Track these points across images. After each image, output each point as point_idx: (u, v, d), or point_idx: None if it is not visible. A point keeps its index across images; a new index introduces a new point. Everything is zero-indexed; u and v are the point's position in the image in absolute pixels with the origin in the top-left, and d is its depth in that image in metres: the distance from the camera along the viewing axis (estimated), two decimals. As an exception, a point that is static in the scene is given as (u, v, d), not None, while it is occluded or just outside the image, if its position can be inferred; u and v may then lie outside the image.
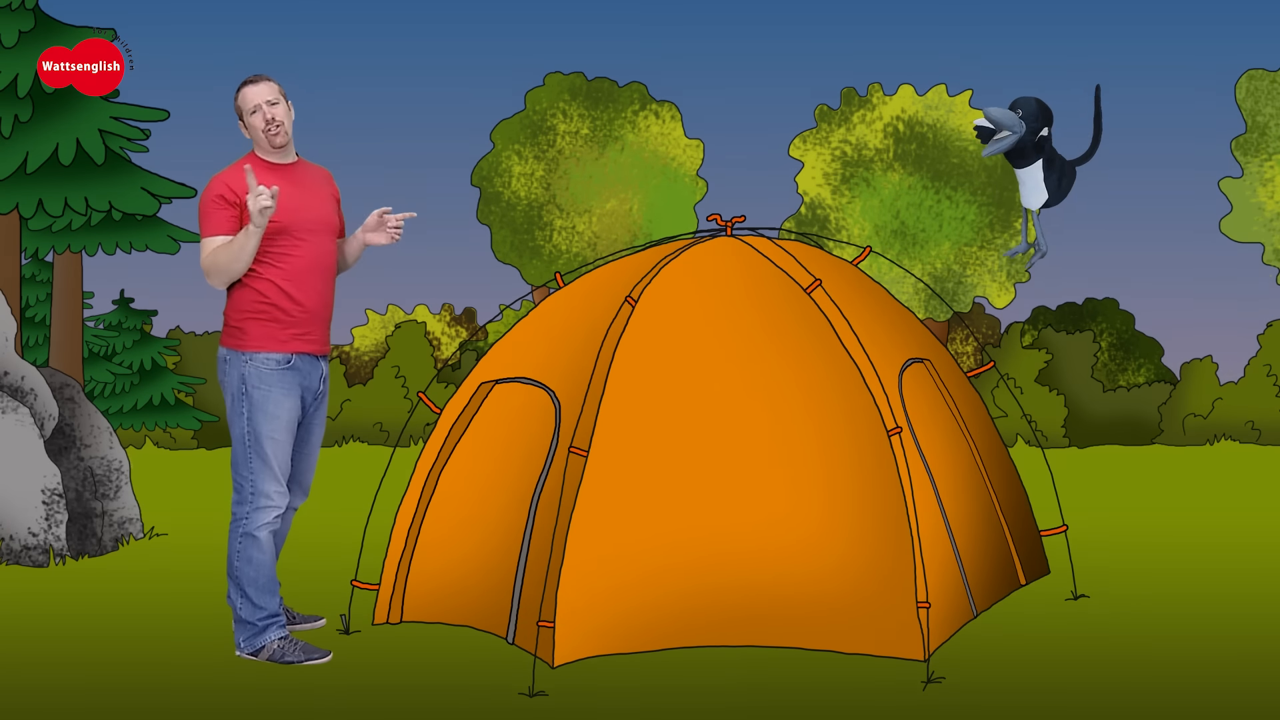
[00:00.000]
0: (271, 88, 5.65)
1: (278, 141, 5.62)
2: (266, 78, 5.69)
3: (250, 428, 5.54)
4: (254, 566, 5.58)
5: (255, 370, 5.54)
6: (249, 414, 5.54)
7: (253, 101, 5.61)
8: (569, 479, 5.46)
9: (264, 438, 5.54)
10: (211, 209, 5.51)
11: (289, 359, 5.58)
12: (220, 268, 5.49)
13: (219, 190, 5.52)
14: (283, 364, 5.57)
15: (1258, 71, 17.53)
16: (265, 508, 5.57)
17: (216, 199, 5.51)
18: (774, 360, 5.64)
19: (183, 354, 20.27)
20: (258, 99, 5.61)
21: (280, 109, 5.63)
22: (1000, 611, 6.20)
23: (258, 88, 5.64)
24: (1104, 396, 18.59)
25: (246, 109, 5.63)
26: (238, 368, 5.56)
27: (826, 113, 18.04)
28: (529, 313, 6.20)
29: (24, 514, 7.94)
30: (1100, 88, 6.68)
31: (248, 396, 5.54)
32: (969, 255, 17.72)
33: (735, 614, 5.51)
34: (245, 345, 5.55)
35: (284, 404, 5.57)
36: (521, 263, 18.74)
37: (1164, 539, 8.69)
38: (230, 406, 5.58)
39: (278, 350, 5.56)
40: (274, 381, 5.55)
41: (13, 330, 8.41)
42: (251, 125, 5.62)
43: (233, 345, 5.59)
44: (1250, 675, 5.28)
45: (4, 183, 14.95)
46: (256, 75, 5.68)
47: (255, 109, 5.61)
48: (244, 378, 5.54)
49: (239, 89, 5.67)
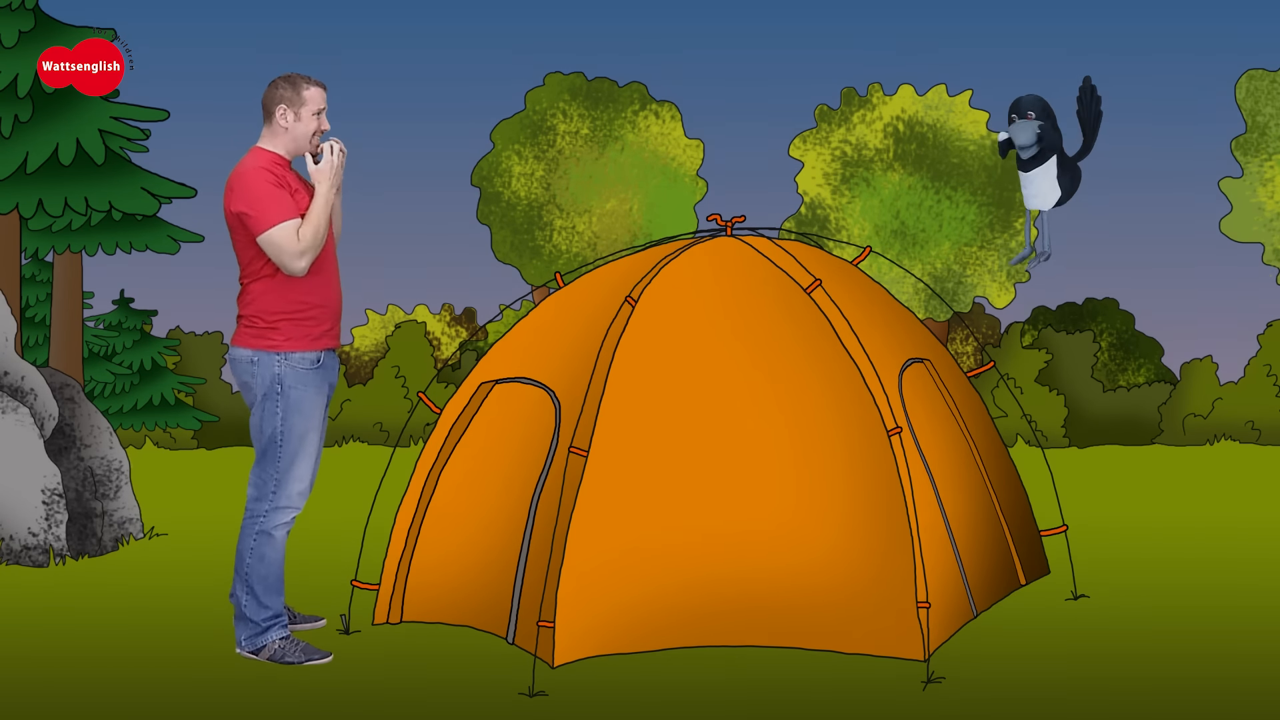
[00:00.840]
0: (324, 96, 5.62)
1: (315, 149, 5.56)
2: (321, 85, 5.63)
3: (285, 427, 5.51)
4: (266, 565, 5.58)
5: (291, 370, 5.50)
6: (284, 414, 5.50)
7: (319, 104, 5.54)
8: (569, 479, 5.46)
9: (300, 437, 5.52)
10: (273, 197, 5.37)
11: (319, 358, 5.57)
12: (320, 242, 5.41)
13: (267, 180, 5.40)
14: (315, 364, 5.56)
15: (1258, 71, 17.52)
16: (286, 508, 5.57)
17: (274, 187, 5.39)
18: (774, 360, 5.64)
19: (183, 354, 20.26)
20: (322, 104, 5.55)
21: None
22: (1000, 611, 6.20)
23: (323, 92, 5.57)
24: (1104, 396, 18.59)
25: (311, 107, 5.52)
26: (270, 368, 5.49)
27: (826, 113, 18.04)
28: (529, 313, 6.20)
29: (24, 514, 7.94)
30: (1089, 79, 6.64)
31: (284, 396, 5.49)
32: (969, 255, 17.73)
33: (735, 614, 5.51)
34: (280, 346, 5.49)
35: (317, 403, 5.57)
36: (521, 263, 18.73)
37: (1164, 539, 8.69)
38: (261, 407, 5.51)
39: (311, 349, 5.53)
40: (309, 381, 5.54)
41: (13, 330, 8.41)
42: (306, 121, 5.51)
43: (265, 346, 5.49)
44: (1250, 675, 5.28)
45: (4, 183, 14.95)
46: (313, 77, 5.58)
47: (320, 111, 5.54)
48: (279, 378, 5.49)
49: (304, 83, 5.53)
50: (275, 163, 5.51)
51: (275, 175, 5.44)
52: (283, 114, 5.51)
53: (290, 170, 5.58)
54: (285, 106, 5.50)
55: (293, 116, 5.51)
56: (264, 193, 5.37)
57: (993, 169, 17.64)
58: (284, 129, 5.53)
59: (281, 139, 5.54)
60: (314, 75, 5.62)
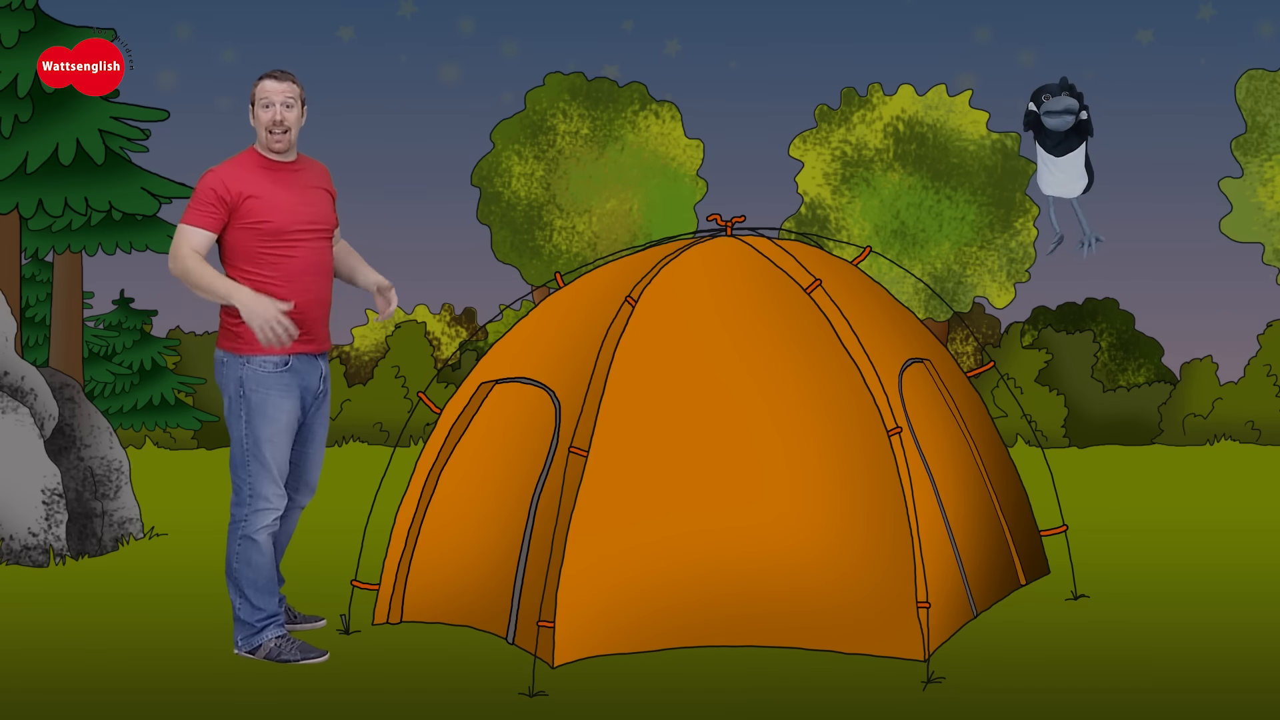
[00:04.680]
0: (292, 89, 5.54)
1: (277, 146, 5.54)
2: (291, 76, 5.58)
3: (249, 431, 5.51)
4: (253, 569, 5.57)
5: (253, 373, 5.50)
6: (247, 417, 5.51)
7: (268, 96, 5.51)
8: (569, 479, 5.45)
9: (262, 441, 5.51)
10: (201, 200, 5.43)
11: (286, 361, 5.54)
12: (189, 278, 5.41)
13: (213, 184, 5.44)
14: (280, 366, 5.53)
15: (1258, 71, 17.51)
16: (264, 510, 5.56)
17: (209, 192, 5.43)
18: (774, 360, 5.64)
19: (183, 354, 20.25)
20: (274, 96, 5.51)
21: (293, 113, 5.53)
22: (1000, 611, 6.20)
23: (279, 84, 5.53)
24: (1104, 396, 18.59)
25: (259, 100, 5.52)
26: (235, 370, 5.51)
27: (826, 113, 18.04)
28: (529, 313, 6.20)
29: (24, 514, 7.94)
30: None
31: (245, 400, 5.50)
32: (969, 255, 17.72)
33: (735, 614, 5.51)
34: (242, 348, 5.50)
35: (283, 406, 5.54)
36: (521, 263, 18.73)
37: (1164, 538, 8.69)
38: (228, 409, 5.54)
39: (275, 352, 5.52)
40: (272, 384, 5.52)
41: (13, 330, 8.41)
42: (259, 118, 5.51)
43: (230, 348, 5.53)
44: (1251, 674, 5.28)
45: (4, 183, 14.94)
46: (282, 71, 5.56)
47: (268, 104, 5.50)
48: (242, 380, 5.50)
49: (259, 79, 5.55)
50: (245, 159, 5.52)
51: (225, 186, 5.43)
52: (250, 114, 5.58)
53: (263, 170, 5.54)
54: (250, 106, 5.58)
55: (252, 115, 5.57)
56: (198, 195, 5.45)
57: (993, 169, 17.63)
58: (254, 128, 5.59)
59: (258, 136, 5.59)
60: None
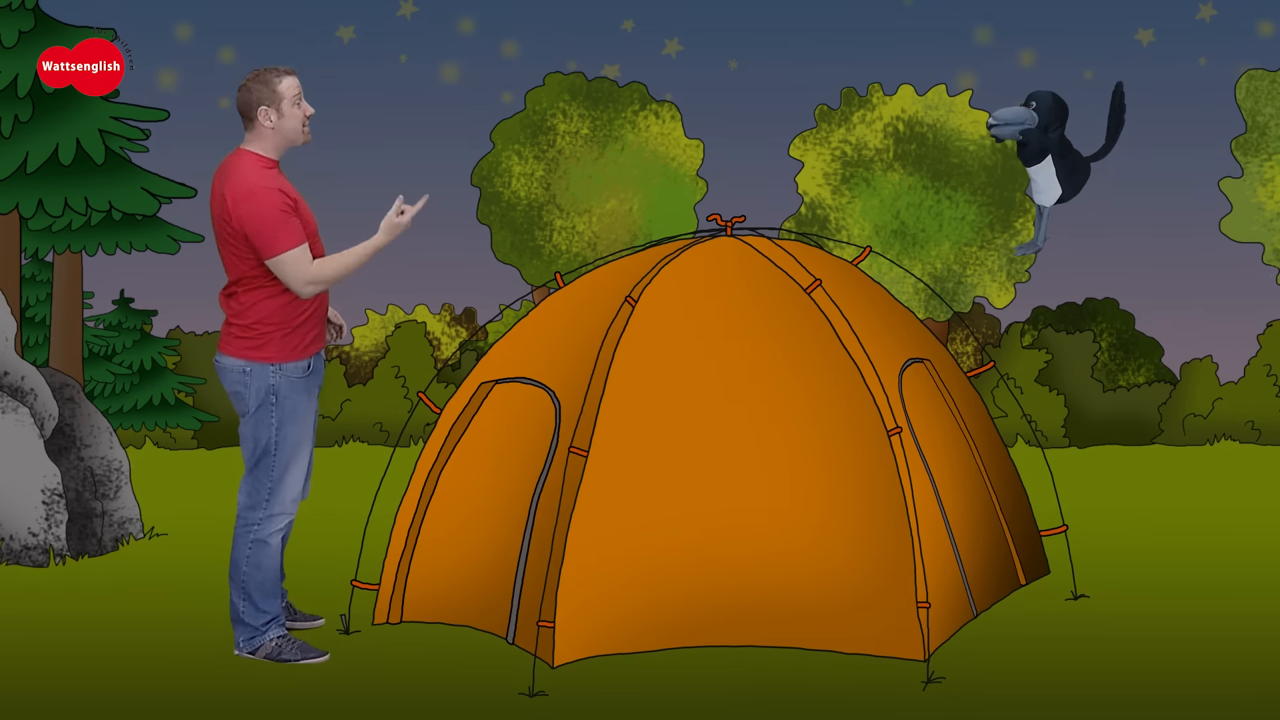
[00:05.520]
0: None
1: (308, 138, 5.47)
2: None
3: (280, 436, 5.47)
4: (262, 572, 5.57)
5: (286, 380, 5.45)
6: (279, 423, 5.46)
7: (295, 92, 5.40)
8: (569, 479, 5.45)
9: (295, 445, 5.50)
10: (282, 220, 5.27)
11: (309, 364, 5.55)
12: (334, 281, 5.36)
13: (280, 201, 5.28)
14: (306, 371, 5.53)
15: (1258, 71, 17.51)
16: (280, 515, 5.56)
17: (285, 209, 5.28)
18: (774, 360, 5.64)
19: (183, 354, 20.24)
20: (298, 89, 5.41)
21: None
22: (1000, 611, 6.20)
23: (295, 79, 5.42)
24: (1104, 396, 18.59)
25: (289, 96, 5.38)
26: (265, 379, 5.43)
27: (826, 113, 18.04)
28: (529, 313, 6.20)
29: (24, 514, 7.94)
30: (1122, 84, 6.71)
31: (279, 406, 5.45)
32: (969, 255, 17.72)
33: (735, 614, 5.51)
34: (273, 357, 5.43)
35: (309, 408, 5.56)
36: (521, 263, 18.72)
37: (1164, 538, 8.68)
38: (253, 416, 5.46)
39: (302, 357, 5.50)
40: (302, 389, 5.50)
41: (13, 330, 8.41)
42: (290, 115, 5.37)
43: (257, 357, 5.42)
44: (1251, 674, 5.28)
45: (4, 183, 14.93)
46: (286, 68, 5.45)
47: (299, 98, 5.41)
48: (274, 389, 5.44)
49: (275, 77, 5.38)
50: (266, 167, 5.40)
51: (287, 197, 5.33)
52: (265, 114, 5.37)
53: (283, 175, 5.51)
54: (266, 107, 5.37)
55: (275, 114, 5.38)
56: (275, 219, 5.26)
57: (993, 169, 17.64)
58: (270, 128, 5.40)
59: (270, 139, 5.42)
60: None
